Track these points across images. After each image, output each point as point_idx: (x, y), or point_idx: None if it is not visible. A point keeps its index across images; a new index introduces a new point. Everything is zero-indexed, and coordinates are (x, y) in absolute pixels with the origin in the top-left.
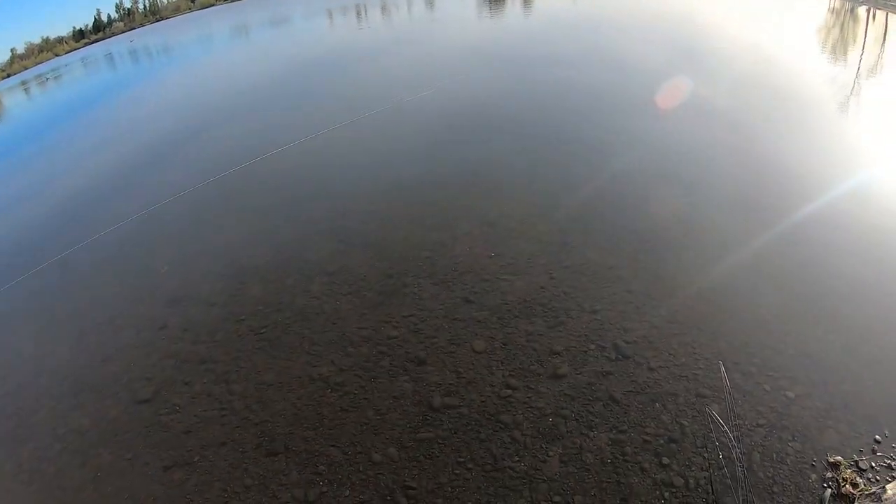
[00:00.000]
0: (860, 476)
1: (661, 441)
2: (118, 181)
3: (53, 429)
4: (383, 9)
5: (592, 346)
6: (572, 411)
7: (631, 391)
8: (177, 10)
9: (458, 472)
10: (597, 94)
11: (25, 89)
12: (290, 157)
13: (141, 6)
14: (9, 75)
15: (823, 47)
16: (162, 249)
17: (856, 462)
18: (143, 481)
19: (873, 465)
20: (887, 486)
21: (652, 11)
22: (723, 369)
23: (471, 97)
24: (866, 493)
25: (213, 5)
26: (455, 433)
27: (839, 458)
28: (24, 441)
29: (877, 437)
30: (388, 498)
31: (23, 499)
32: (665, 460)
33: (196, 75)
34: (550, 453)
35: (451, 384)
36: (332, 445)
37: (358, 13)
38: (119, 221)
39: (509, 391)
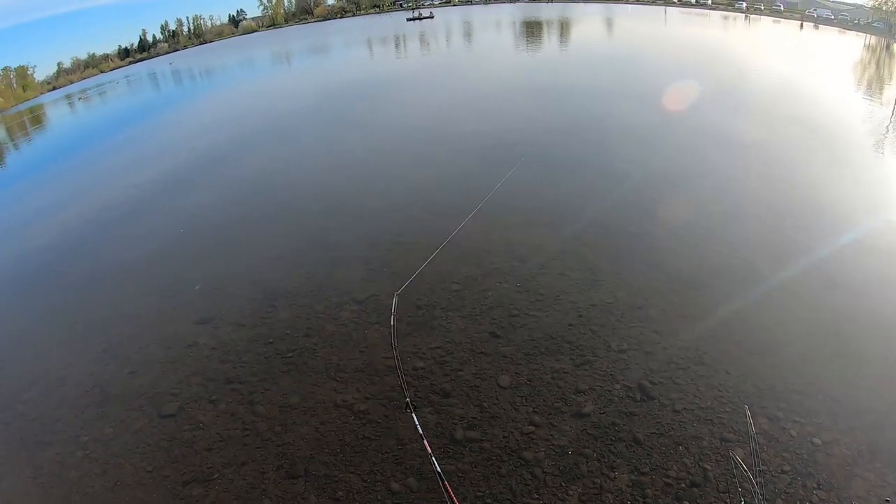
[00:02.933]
0: None
1: (683, 485)
2: (155, 198)
3: (76, 436)
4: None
5: (618, 386)
6: (594, 451)
7: (654, 433)
8: (220, 35)
9: None
10: (630, 129)
11: (69, 103)
12: (324, 184)
13: (185, 29)
14: (54, 88)
15: (859, 83)
16: (195, 268)
17: None
18: (162, 494)
19: None
20: None
21: (687, 47)
22: (748, 413)
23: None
24: None
25: (255, 31)
26: (475, 467)
27: None
28: (47, 446)
29: None
30: None
31: (41, 503)
32: None
33: (234, 99)
34: (570, 492)
35: (474, 417)
36: (352, 472)
37: (396, 45)
38: (153, 238)
39: (532, 427)
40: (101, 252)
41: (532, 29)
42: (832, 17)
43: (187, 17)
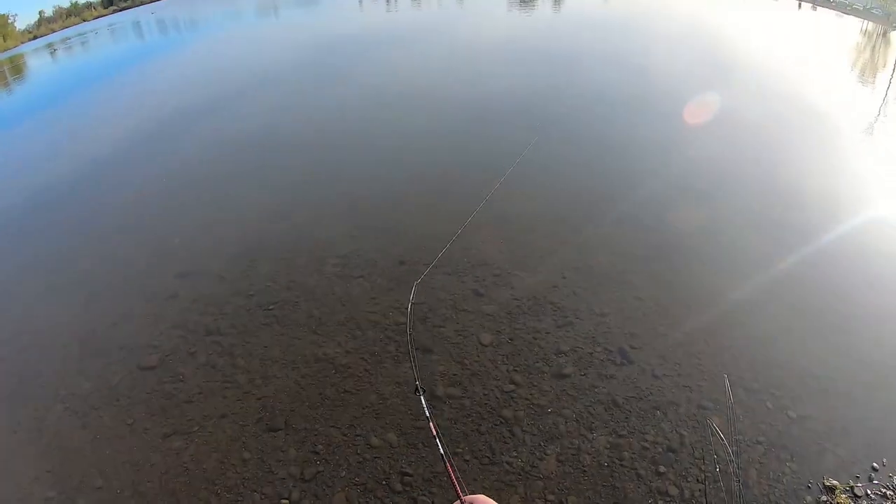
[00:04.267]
0: (855, 502)
1: (660, 449)
2: (137, 148)
3: (56, 390)
4: None
5: (598, 349)
6: (573, 412)
7: (633, 397)
8: None
9: (455, 462)
10: (623, 103)
11: (52, 51)
12: (310, 136)
13: None
14: (35, 37)
15: (853, 69)
16: (176, 220)
17: (851, 488)
18: (142, 447)
19: (869, 492)
20: None
21: (683, 32)
22: (727, 383)
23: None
24: None
25: None
26: (455, 423)
27: (835, 482)
28: (26, 399)
29: (874, 464)
30: (384, 482)
31: (21, 457)
32: (662, 468)
33: (220, 50)
34: (548, 451)
35: (455, 374)
36: (332, 426)
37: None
38: (135, 189)
39: (513, 386)
40: (83, 203)
41: None
42: None
43: None
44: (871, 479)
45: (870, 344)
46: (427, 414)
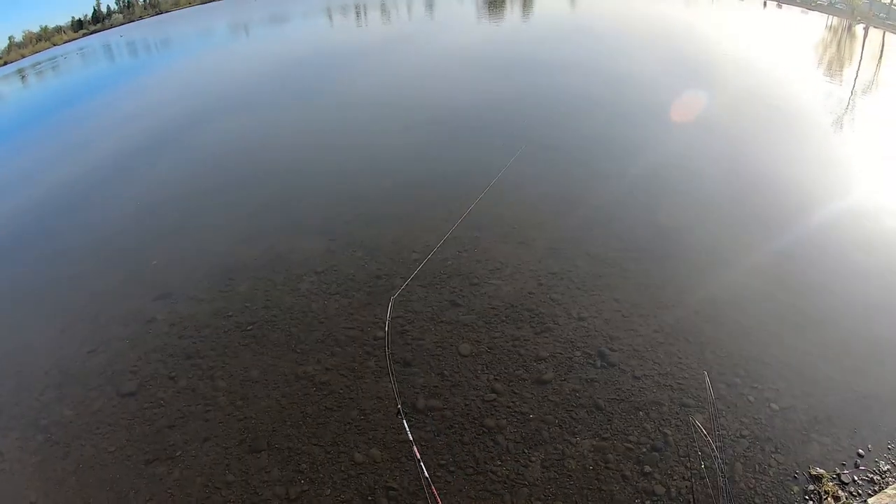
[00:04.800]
0: (842, 489)
1: (644, 449)
2: (111, 173)
3: (36, 420)
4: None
5: (578, 353)
6: (556, 417)
7: (615, 399)
8: (176, 5)
9: (440, 474)
10: (594, 103)
11: (22, 77)
12: (283, 156)
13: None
14: (6, 63)
15: (821, 63)
16: (153, 243)
17: (838, 475)
18: (126, 474)
19: (856, 478)
20: (869, 501)
21: (649, 26)
22: (707, 380)
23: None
24: None
25: (212, 1)
26: (438, 436)
27: (822, 470)
28: (6, 431)
29: (860, 450)
30: (369, 498)
31: (4, 488)
32: (647, 468)
33: (191, 72)
34: (533, 458)
35: (435, 386)
36: (315, 444)
37: (357, 13)
38: (111, 213)
39: (494, 395)
40: (60, 229)
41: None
42: None
43: None
44: (857, 466)
45: (848, 332)
46: (410, 438)
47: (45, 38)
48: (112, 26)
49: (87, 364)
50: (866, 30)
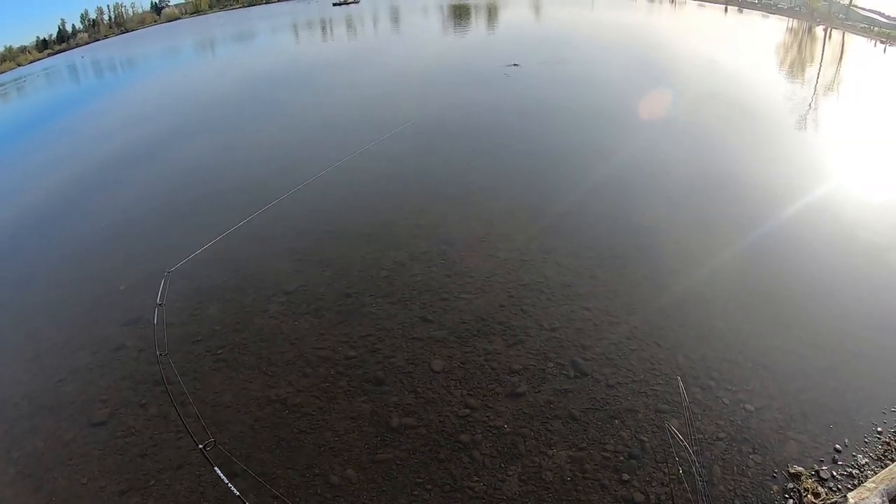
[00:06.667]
0: (822, 486)
1: (621, 457)
2: (74, 195)
3: (7, 452)
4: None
5: (551, 364)
6: (531, 430)
7: (590, 408)
8: (142, 23)
9: (416, 492)
10: (564, 108)
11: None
12: (242, 175)
13: (106, 17)
14: None
15: (782, 65)
16: (118, 267)
17: (817, 472)
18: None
19: (834, 473)
20: (849, 495)
21: (613, 31)
22: (681, 384)
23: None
24: (829, 502)
25: (178, 18)
26: (413, 454)
27: (800, 468)
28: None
29: (837, 446)
30: None
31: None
32: (625, 476)
33: (152, 92)
34: (510, 472)
35: (409, 404)
36: (290, 468)
37: (323, 28)
38: (75, 237)
39: (468, 410)
40: (24, 254)
41: (458, 13)
42: (756, 0)
43: (108, 6)
44: (835, 461)
45: (819, 328)
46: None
47: (9, 57)
48: (78, 45)
49: (57, 394)
50: (826, 31)
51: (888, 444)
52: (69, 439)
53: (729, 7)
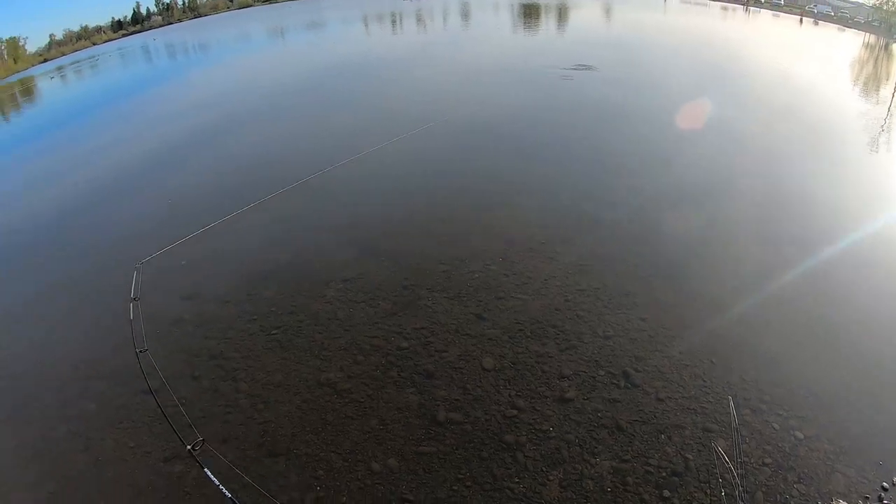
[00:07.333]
0: None
1: (664, 473)
2: (142, 174)
3: (61, 411)
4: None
5: (602, 373)
6: (576, 436)
7: (637, 420)
8: (215, 9)
9: (456, 488)
10: (632, 115)
11: (62, 75)
12: (313, 162)
13: (180, 2)
14: (46, 60)
15: (857, 81)
16: (181, 245)
17: None
18: (143, 470)
19: None
20: None
21: (684, 37)
22: (732, 405)
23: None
24: None
25: (250, 5)
26: (457, 449)
27: (844, 503)
28: (29, 422)
29: (884, 484)
30: None
31: (23, 479)
32: (666, 493)
33: (220, 76)
34: (551, 477)
35: (457, 399)
36: (334, 451)
37: (393, 21)
38: (142, 214)
39: (515, 411)
40: (92, 225)
41: (529, 12)
42: (832, 13)
43: None
44: (881, 500)
45: (877, 359)
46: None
47: (84, 37)
48: (151, 28)
49: (113, 361)
50: None
51: None
52: (120, 404)
53: (804, 18)
